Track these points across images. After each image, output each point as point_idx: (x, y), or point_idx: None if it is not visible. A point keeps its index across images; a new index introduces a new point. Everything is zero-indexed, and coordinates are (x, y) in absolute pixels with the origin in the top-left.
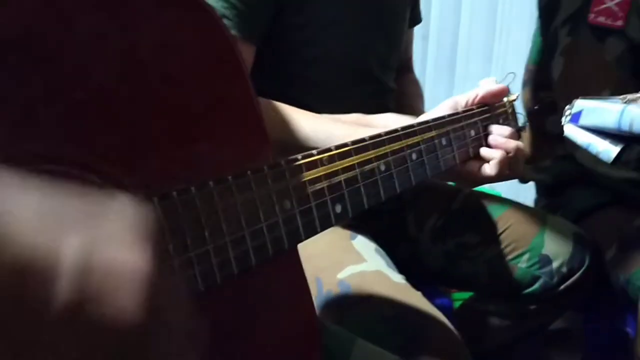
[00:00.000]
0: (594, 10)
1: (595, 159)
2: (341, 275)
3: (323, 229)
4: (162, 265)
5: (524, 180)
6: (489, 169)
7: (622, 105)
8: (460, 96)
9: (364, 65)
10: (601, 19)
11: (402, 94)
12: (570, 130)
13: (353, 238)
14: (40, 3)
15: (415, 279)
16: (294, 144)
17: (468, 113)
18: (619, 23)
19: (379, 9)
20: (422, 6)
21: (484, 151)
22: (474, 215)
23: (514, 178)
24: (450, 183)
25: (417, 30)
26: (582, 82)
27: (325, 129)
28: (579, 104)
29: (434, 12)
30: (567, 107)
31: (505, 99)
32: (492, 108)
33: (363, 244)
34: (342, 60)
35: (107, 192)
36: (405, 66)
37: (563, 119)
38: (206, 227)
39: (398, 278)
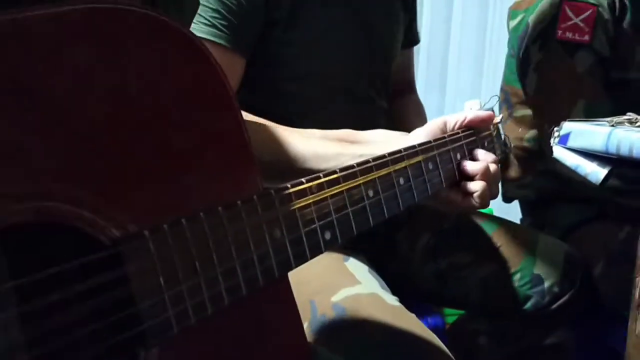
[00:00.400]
0: (561, 26)
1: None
2: (335, 298)
3: (313, 256)
4: None
5: (507, 199)
6: (473, 201)
7: (609, 128)
8: (449, 117)
9: (354, 84)
10: (569, 35)
11: (403, 115)
12: (559, 152)
13: (346, 260)
14: (25, 43)
15: (407, 297)
16: (282, 164)
17: (454, 137)
18: (586, 38)
19: (369, 28)
20: None
21: (468, 185)
22: (465, 235)
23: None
24: None
25: None
26: (556, 94)
27: (312, 149)
28: (567, 126)
29: (424, 28)
30: (556, 129)
31: None
32: (477, 131)
33: (356, 266)
34: (331, 78)
35: None
36: (407, 87)
37: (551, 140)
38: (197, 259)
39: (392, 300)
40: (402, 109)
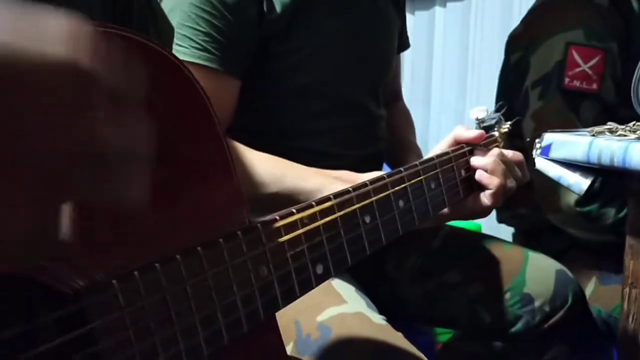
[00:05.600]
0: (568, 74)
1: (565, 220)
2: (321, 317)
3: (303, 293)
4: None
5: (501, 221)
6: (486, 198)
7: (590, 138)
8: (438, 147)
9: (351, 95)
10: (576, 83)
11: (394, 126)
12: (541, 164)
13: (332, 279)
14: None
15: (395, 318)
16: (295, 198)
17: (458, 152)
18: (594, 86)
19: (369, 37)
20: None
21: (480, 178)
22: (454, 254)
23: (522, 183)
24: None
25: None
26: None
27: (328, 188)
28: (549, 137)
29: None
30: (537, 140)
31: (496, 133)
32: (484, 145)
33: (343, 285)
34: (329, 89)
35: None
36: (394, 95)
37: (534, 152)
38: (173, 308)
39: (379, 319)
40: (391, 120)
